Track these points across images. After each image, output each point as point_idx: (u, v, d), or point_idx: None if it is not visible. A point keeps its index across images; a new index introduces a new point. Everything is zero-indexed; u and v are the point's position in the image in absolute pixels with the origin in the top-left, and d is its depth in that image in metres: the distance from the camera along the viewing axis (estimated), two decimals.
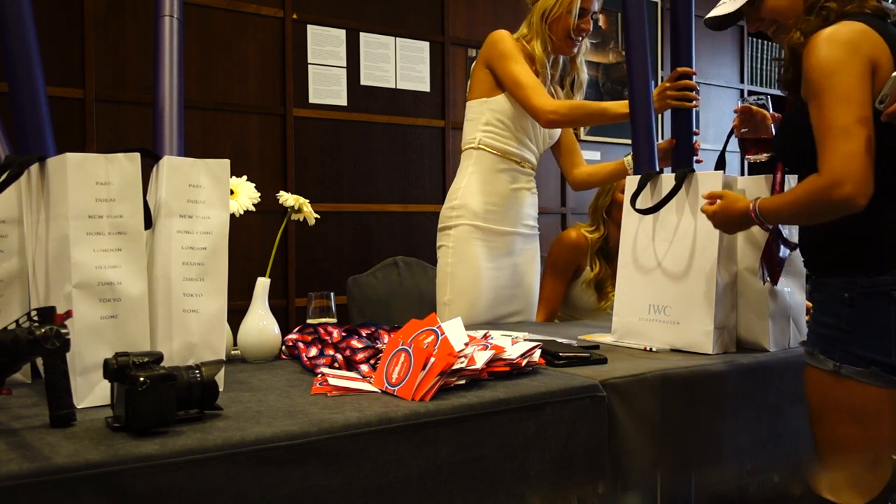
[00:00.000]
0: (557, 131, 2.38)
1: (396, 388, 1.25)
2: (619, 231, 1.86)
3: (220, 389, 1.15)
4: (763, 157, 1.79)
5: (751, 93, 4.89)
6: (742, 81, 4.94)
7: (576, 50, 2.31)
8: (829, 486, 1.45)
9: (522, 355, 1.39)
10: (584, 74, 2.39)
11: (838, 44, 1.37)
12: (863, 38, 1.37)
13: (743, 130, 1.79)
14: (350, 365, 1.44)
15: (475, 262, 2.24)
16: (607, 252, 2.58)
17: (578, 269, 2.61)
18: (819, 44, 1.38)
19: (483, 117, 2.26)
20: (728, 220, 1.55)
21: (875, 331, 1.39)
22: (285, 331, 1.62)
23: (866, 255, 1.40)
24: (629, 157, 2.28)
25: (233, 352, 1.59)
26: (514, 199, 2.27)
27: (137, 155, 1.19)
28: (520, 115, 2.24)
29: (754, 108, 1.77)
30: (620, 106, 2.12)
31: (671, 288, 1.70)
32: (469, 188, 2.26)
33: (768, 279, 1.64)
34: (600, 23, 4.31)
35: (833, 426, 1.43)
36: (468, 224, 2.25)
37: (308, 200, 1.72)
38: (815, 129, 1.38)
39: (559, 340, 1.66)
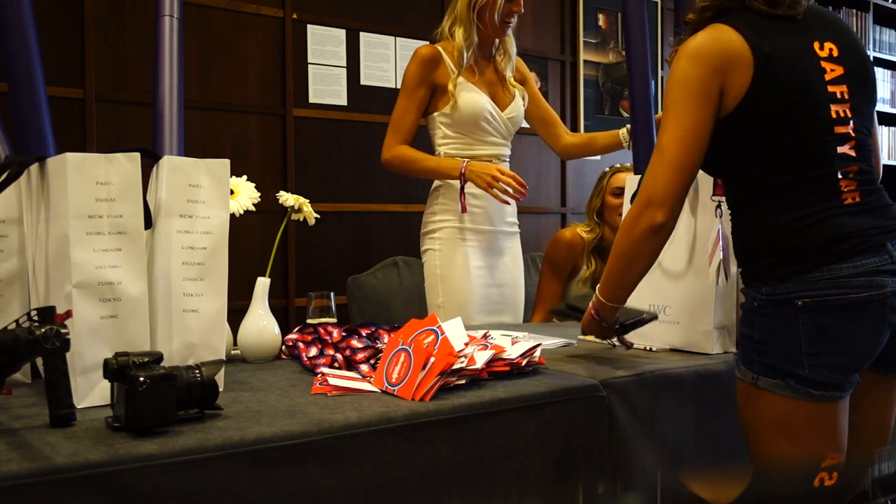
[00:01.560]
0: (518, 112, 2.34)
1: (396, 388, 1.25)
2: (613, 232, 1.86)
3: (220, 389, 1.15)
4: None
5: None
6: None
7: (509, 32, 2.30)
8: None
9: (522, 355, 1.39)
10: (513, 48, 2.37)
11: (685, 57, 1.34)
12: (715, 45, 1.32)
13: None
14: (350, 365, 1.44)
15: (464, 263, 2.26)
16: (602, 251, 2.58)
17: (574, 269, 2.61)
18: (675, 59, 1.37)
19: (439, 131, 2.30)
20: (587, 326, 1.55)
21: (785, 342, 1.30)
22: (285, 331, 1.62)
23: (767, 265, 1.33)
24: (625, 130, 2.28)
25: (233, 352, 1.59)
26: (493, 198, 2.24)
27: (137, 155, 1.19)
28: (468, 117, 2.24)
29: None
30: (450, 167, 2.20)
31: (671, 288, 1.70)
32: (448, 192, 2.28)
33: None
34: (600, 23, 4.31)
35: (765, 440, 1.36)
36: (452, 226, 2.27)
37: (308, 200, 1.72)
38: None
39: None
